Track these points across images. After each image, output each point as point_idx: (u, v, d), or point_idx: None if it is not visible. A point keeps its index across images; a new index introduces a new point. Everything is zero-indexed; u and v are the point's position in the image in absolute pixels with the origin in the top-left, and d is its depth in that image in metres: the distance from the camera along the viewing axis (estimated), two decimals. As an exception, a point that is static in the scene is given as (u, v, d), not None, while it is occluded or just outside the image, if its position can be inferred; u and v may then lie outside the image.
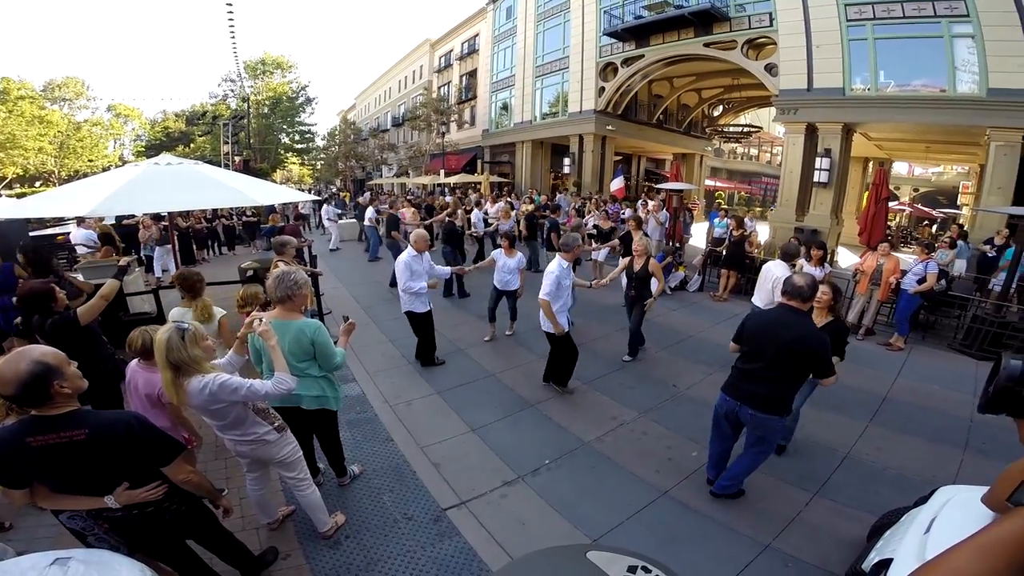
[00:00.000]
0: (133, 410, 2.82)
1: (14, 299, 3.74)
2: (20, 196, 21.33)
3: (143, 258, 10.20)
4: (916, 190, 30.11)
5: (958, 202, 23.93)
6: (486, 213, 12.67)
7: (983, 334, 6.70)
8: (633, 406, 4.90)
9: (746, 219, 10.64)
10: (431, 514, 3.34)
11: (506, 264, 6.34)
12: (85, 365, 2.07)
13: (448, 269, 6.04)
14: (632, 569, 1.59)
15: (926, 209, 25.15)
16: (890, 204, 10.94)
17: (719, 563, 2.95)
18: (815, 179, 13.28)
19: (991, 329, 6.65)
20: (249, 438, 2.63)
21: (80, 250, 8.61)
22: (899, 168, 27.42)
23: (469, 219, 12.08)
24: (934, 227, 23.16)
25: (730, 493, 3.50)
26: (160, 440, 2.06)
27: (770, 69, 14.04)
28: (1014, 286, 7.00)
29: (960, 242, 9.83)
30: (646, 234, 12.05)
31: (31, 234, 10.16)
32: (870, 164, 20.57)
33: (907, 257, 10.57)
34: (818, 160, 13.09)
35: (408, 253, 5.39)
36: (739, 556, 2.99)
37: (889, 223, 15.44)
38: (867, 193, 12.52)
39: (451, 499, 3.50)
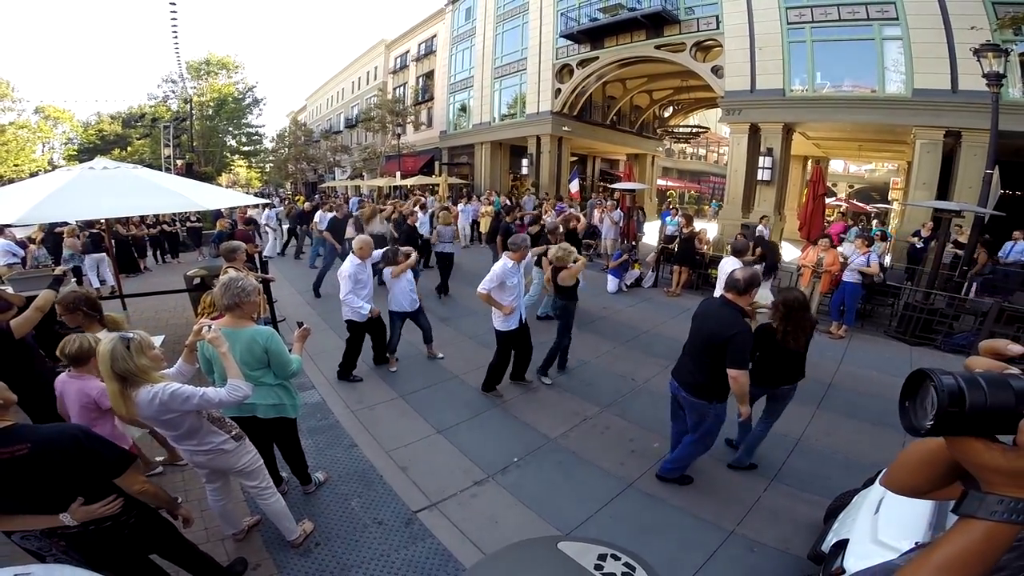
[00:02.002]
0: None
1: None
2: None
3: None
4: (851, 187, 32.01)
5: (889, 197, 25.55)
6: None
7: (915, 320, 7.20)
8: (595, 401, 5.00)
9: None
10: (402, 517, 3.30)
11: (409, 283, 5.57)
12: (22, 380, 1.96)
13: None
14: (602, 557, 1.62)
15: (861, 204, 26.79)
16: (828, 200, 11.57)
17: (688, 551, 3.04)
18: (759, 177, 13.89)
19: (922, 316, 7.15)
20: (205, 448, 2.53)
21: (2, 260, 7.93)
22: (836, 166, 29.03)
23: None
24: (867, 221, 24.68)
25: (673, 477, 3.63)
26: (109, 450, 1.99)
27: (716, 71, 14.60)
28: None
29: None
30: (598, 233, 12.29)
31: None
32: (809, 162, 21.70)
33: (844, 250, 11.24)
34: (761, 159, 13.70)
35: (352, 262, 5.00)
36: (706, 543, 3.10)
37: (828, 218, 16.35)
38: (806, 190, 13.23)
39: (421, 501, 3.46)
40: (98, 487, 1.99)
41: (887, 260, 10.55)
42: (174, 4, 20.88)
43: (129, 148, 37.50)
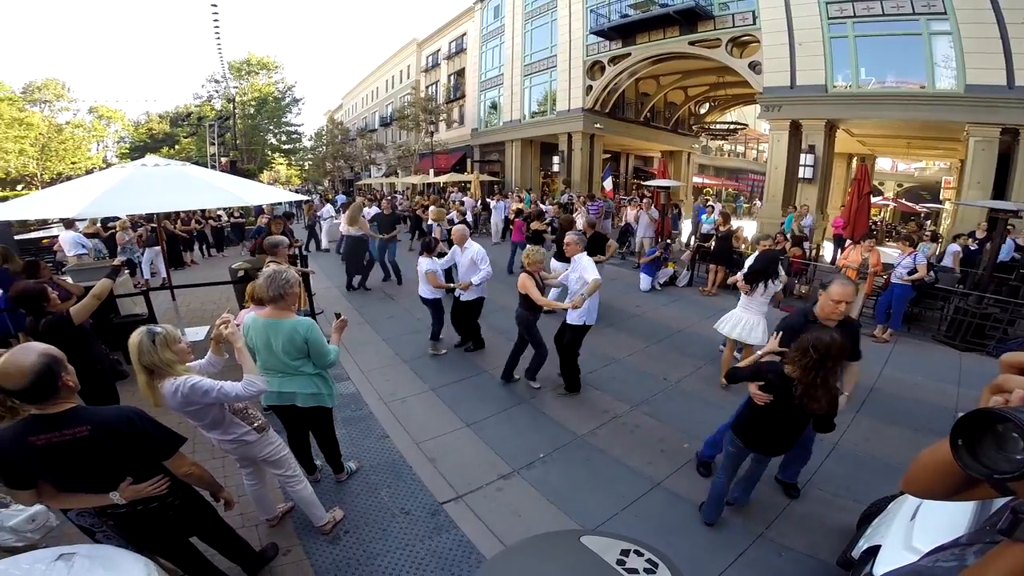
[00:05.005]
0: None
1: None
2: (2, 199, 20.91)
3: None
4: (900, 185, 30.62)
5: (940, 197, 24.33)
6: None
7: (966, 325, 6.86)
8: (625, 400, 4.97)
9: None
10: (428, 508, 3.38)
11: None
12: (79, 366, 2.03)
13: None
14: (625, 552, 1.64)
15: (910, 204, 25.59)
16: (874, 199, 11.16)
17: (712, 552, 3.01)
18: (800, 175, 13.50)
19: (974, 320, 6.80)
20: (229, 438, 2.63)
21: (72, 251, 8.47)
22: (883, 164, 27.88)
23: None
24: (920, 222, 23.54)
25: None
26: (161, 433, 2.05)
27: (754, 67, 14.23)
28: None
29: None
30: (631, 231, 12.15)
31: (16, 238, 10.02)
32: (854, 160, 20.88)
33: (889, 251, 10.82)
34: (803, 156, 13.31)
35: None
36: (732, 545, 3.06)
37: (874, 218, 15.73)
38: (850, 188, 12.76)
39: (448, 493, 3.53)
40: (147, 468, 2.05)
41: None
42: (215, 4, 21.60)
43: (177, 146, 39.20)
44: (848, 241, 8.77)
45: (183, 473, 2.16)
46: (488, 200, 17.68)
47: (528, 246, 5.27)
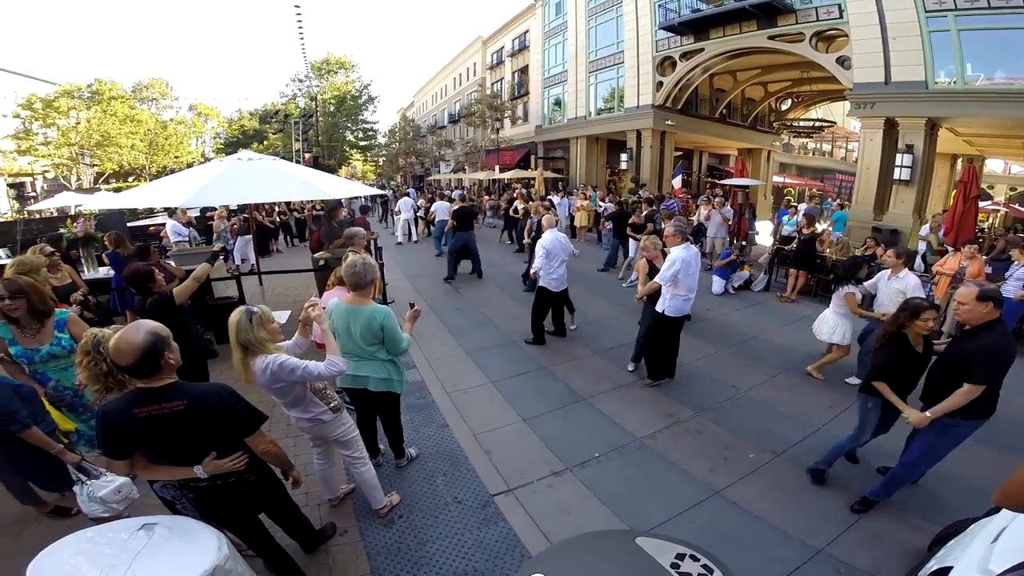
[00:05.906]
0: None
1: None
2: (116, 190, 23.37)
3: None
4: (1013, 189, 27.38)
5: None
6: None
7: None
8: (690, 404, 4.83)
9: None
10: (480, 499, 3.45)
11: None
12: (178, 343, 2.17)
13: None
14: (680, 556, 1.63)
15: (1023, 209, 22.87)
16: (983, 204, 10.09)
17: (767, 564, 2.90)
18: (896, 176, 12.40)
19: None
20: (307, 416, 2.79)
21: (174, 238, 9.41)
22: (993, 166, 25.07)
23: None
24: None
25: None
26: (247, 411, 2.15)
27: (842, 62, 13.21)
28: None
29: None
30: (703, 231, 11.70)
31: (128, 224, 11.20)
32: (959, 161, 18.95)
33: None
34: (899, 156, 12.22)
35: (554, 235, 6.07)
36: (789, 559, 2.94)
37: (981, 224, 14.23)
38: (954, 191, 11.61)
39: (500, 486, 3.60)
40: (230, 443, 2.14)
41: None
42: (299, 7, 22.86)
43: (265, 142, 41.76)
44: (949, 247, 8.00)
45: (261, 451, 2.26)
46: (550, 196, 17.62)
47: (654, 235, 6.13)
